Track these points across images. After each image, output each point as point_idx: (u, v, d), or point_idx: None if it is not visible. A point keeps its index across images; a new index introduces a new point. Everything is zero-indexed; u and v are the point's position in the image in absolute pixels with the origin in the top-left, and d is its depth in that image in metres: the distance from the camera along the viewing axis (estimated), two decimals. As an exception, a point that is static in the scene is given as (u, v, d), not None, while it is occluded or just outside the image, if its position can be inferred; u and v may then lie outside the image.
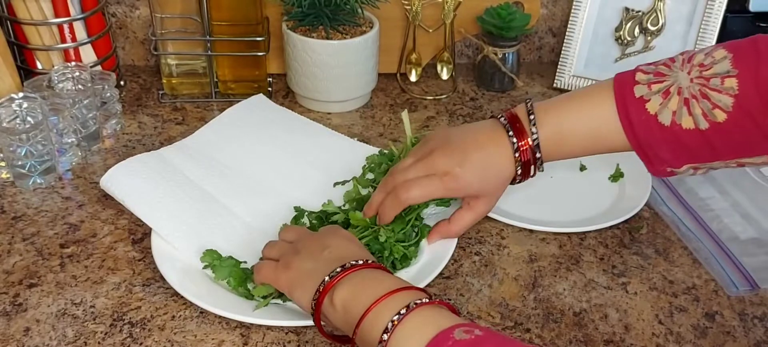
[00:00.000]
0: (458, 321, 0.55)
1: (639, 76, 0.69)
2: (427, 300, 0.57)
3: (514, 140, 0.72)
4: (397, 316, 0.56)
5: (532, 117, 0.72)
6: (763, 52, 0.64)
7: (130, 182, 0.80)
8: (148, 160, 0.84)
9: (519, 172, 0.73)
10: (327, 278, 0.62)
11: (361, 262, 0.63)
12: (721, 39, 1.06)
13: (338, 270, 0.62)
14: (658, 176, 0.72)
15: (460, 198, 0.78)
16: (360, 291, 0.60)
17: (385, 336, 0.55)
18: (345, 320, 0.60)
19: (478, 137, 0.74)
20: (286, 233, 0.73)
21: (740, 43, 0.66)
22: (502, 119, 0.73)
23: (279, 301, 0.71)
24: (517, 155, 0.72)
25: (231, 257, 0.73)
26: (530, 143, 0.72)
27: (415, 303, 0.56)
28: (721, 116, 0.65)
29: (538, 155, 0.72)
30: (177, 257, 0.74)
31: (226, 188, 0.84)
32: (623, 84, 0.69)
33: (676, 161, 0.69)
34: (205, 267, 0.73)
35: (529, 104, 0.73)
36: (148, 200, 0.78)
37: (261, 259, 0.72)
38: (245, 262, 0.74)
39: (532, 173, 0.74)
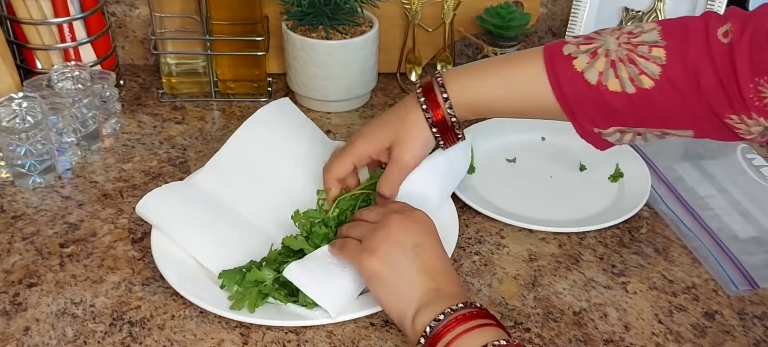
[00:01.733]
0: None
1: (568, 40, 0.71)
2: (505, 344, 0.57)
3: (429, 112, 0.74)
4: None
5: (441, 83, 0.73)
6: (691, 29, 0.66)
7: (165, 208, 0.76)
8: (180, 187, 0.81)
9: (438, 137, 0.75)
10: (435, 321, 0.60)
11: (468, 308, 0.61)
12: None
13: (441, 317, 0.60)
14: (585, 137, 0.72)
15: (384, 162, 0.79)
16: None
17: None
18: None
19: (394, 111, 0.77)
20: (368, 214, 0.71)
21: (670, 20, 0.68)
22: (419, 89, 0.75)
23: (272, 300, 0.70)
24: (430, 121, 0.74)
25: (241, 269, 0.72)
26: (443, 112, 0.73)
27: (506, 343, 0.57)
28: (647, 83, 0.66)
29: (453, 119, 0.74)
30: (177, 257, 0.74)
31: (258, 209, 0.81)
32: (552, 46, 0.71)
33: (602, 121, 0.70)
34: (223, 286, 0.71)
35: (437, 76, 0.74)
36: (185, 225, 0.76)
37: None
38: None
39: (455, 137, 0.76)
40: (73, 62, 0.97)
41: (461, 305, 0.60)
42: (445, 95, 0.73)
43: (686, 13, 1.08)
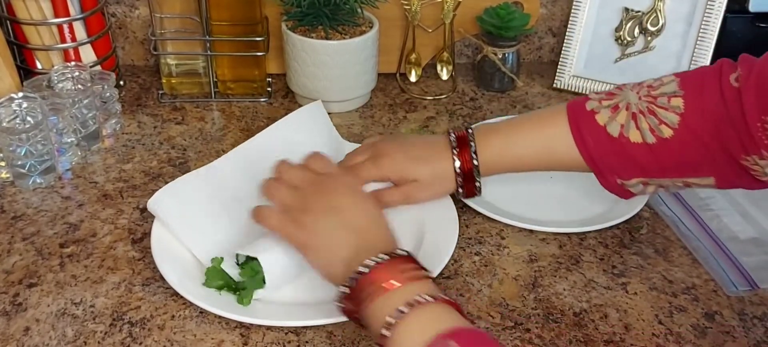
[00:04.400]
0: (455, 325, 0.55)
1: (591, 95, 0.76)
2: (433, 299, 0.57)
3: (457, 160, 0.78)
4: (406, 307, 0.56)
5: (472, 144, 0.78)
6: (707, 78, 0.69)
7: (175, 207, 0.76)
8: (194, 179, 0.79)
9: (460, 183, 0.79)
10: (360, 270, 0.60)
11: (386, 257, 0.61)
12: (721, 39, 1.06)
13: (365, 270, 0.60)
14: (609, 189, 0.76)
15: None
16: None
17: (387, 333, 0.56)
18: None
19: (426, 150, 0.80)
20: (290, 173, 0.71)
21: (688, 72, 0.73)
22: (452, 137, 0.79)
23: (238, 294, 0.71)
24: (458, 174, 0.79)
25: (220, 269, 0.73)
26: (471, 166, 0.78)
27: (418, 300, 0.56)
28: (667, 132, 0.69)
29: (477, 177, 0.79)
30: (177, 257, 0.74)
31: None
32: (575, 103, 0.76)
33: (625, 172, 0.73)
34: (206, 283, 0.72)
35: (469, 131, 0.79)
36: (193, 227, 0.76)
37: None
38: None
39: (475, 191, 0.80)
40: (73, 63, 0.97)
41: (385, 256, 0.60)
42: (475, 160, 0.78)
43: (686, 13, 1.08)
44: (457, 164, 0.78)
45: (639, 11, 1.10)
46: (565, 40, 1.14)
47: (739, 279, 0.78)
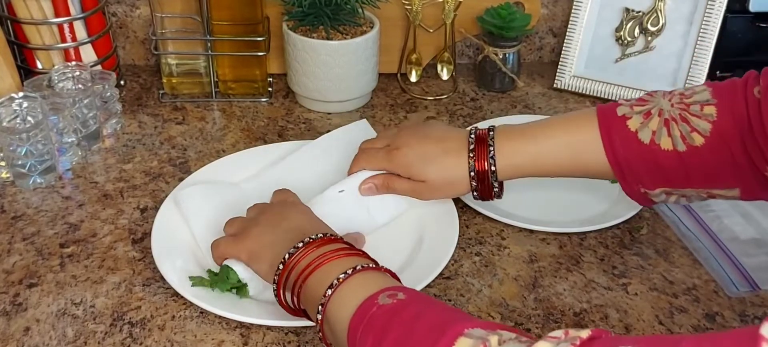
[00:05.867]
0: (390, 284, 0.58)
1: (621, 101, 0.74)
2: (368, 266, 0.60)
3: (473, 163, 0.76)
4: (343, 275, 0.59)
5: (491, 148, 0.76)
6: (739, 86, 0.69)
7: (198, 205, 0.79)
8: (228, 189, 0.83)
9: (475, 188, 0.78)
10: (291, 250, 0.64)
11: (320, 236, 0.65)
12: (721, 39, 1.06)
13: (300, 245, 0.64)
14: (631, 196, 0.75)
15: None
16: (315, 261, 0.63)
17: (329, 292, 0.59)
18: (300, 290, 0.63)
19: (441, 145, 0.78)
20: (248, 211, 0.75)
21: (719, 82, 0.72)
22: (472, 136, 0.77)
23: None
24: (473, 176, 0.77)
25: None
26: (486, 168, 0.76)
27: (362, 266, 0.60)
28: (699, 140, 0.69)
29: (495, 186, 0.77)
30: (177, 257, 0.74)
31: None
32: (605, 107, 0.74)
33: (650, 182, 0.72)
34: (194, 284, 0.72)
35: (490, 133, 0.77)
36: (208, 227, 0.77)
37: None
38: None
39: (492, 193, 0.78)
40: (73, 62, 0.97)
41: (318, 235, 0.64)
42: (492, 163, 0.75)
43: (687, 13, 1.08)
44: (473, 166, 0.76)
45: (639, 11, 1.10)
46: (565, 41, 1.14)
47: (739, 279, 0.78)
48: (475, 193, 0.78)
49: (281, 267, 0.64)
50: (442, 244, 0.78)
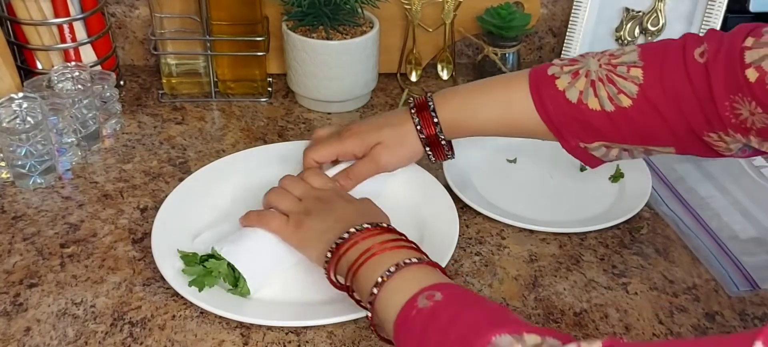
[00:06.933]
0: (437, 281, 0.59)
1: (554, 61, 0.75)
2: (416, 261, 0.62)
3: (418, 123, 0.78)
4: (387, 273, 0.60)
5: (430, 104, 0.78)
6: (669, 50, 0.69)
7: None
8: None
9: (428, 151, 0.81)
10: (339, 240, 0.66)
11: (367, 226, 0.66)
12: (721, 39, 1.06)
13: (346, 235, 0.66)
14: (572, 153, 0.76)
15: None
16: (363, 249, 0.64)
17: (375, 290, 0.60)
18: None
19: (387, 118, 0.82)
20: (293, 186, 0.76)
21: (651, 43, 0.72)
22: (413, 108, 0.79)
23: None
24: (421, 136, 0.79)
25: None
26: (434, 130, 0.78)
27: (405, 263, 0.61)
28: (626, 102, 0.69)
29: (442, 138, 0.79)
30: (177, 257, 0.74)
31: None
32: (537, 68, 0.75)
33: (586, 136, 0.73)
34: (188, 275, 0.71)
35: (428, 96, 0.79)
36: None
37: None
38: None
39: (444, 154, 0.81)
40: (73, 63, 0.97)
41: (368, 225, 0.66)
42: (435, 119, 0.78)
43: (687, 13, 1.08)
44: (418, 124, 0.78)
45: (639, 11, 1.10)
46: (565, 41, 1.14)
47: (739, 278, 0.78)
48: (430, 155, 0.81)
49: (330, 255, 0.66)
50: (442, 244, 0.78)
